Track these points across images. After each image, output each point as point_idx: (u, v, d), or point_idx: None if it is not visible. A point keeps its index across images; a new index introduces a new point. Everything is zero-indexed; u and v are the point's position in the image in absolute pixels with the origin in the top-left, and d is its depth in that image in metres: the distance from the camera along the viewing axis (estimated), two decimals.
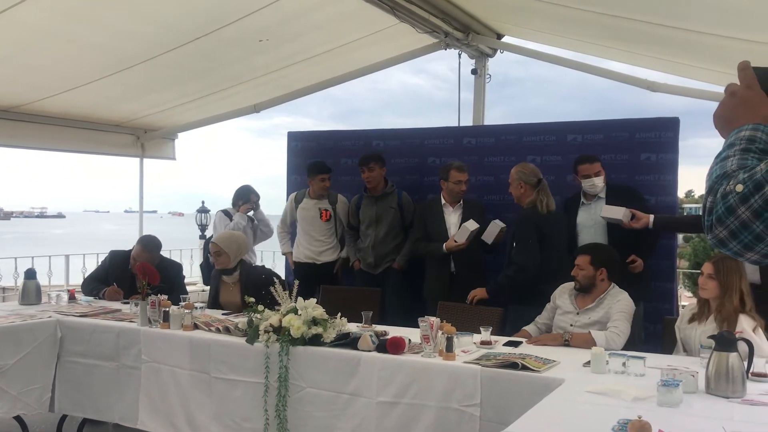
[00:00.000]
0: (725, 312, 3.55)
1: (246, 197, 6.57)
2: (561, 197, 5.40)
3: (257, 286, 4.58)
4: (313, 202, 6.06)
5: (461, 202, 5.41)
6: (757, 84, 1.34)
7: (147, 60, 5.59)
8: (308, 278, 5.64)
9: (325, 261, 6.05)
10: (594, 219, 4.95)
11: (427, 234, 5.40)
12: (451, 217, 5.39)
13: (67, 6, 4.60)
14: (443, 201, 5.42)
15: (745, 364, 2.95)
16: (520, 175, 4.92)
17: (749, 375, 2.98)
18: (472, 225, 5.19)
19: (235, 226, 6.31)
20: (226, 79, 6.58)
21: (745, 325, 3.47)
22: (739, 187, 1.19)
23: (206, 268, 6.66)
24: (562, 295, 4.26)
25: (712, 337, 3.03)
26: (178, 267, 5.82)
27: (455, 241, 5.18)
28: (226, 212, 6.58)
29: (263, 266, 5.88)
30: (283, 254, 6.51)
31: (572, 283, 4.23)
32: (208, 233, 6.67)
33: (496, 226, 5.18)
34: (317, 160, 6.11)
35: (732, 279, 3.61)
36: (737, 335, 3.05)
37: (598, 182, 4.95)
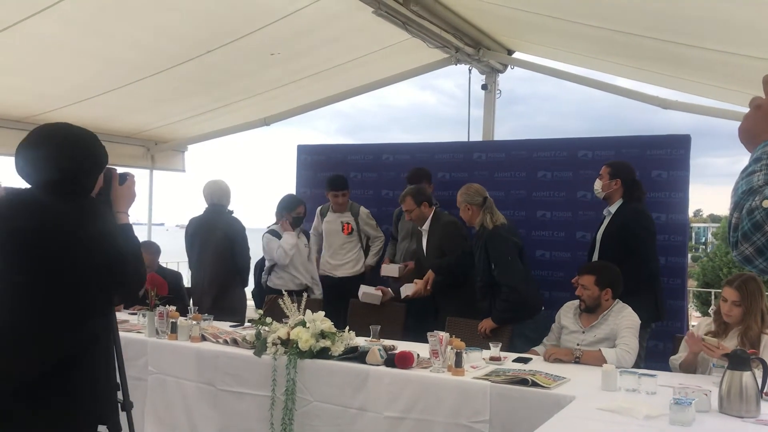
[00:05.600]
0: (752, 334, 3.54)
1: (292, 207, 5.73)
2: (572, 213, 5.38)
3: None
4: (336, 215, 6.00)
5: (426, 226, 5.24)
6: None
7: (158, 72, 5.61)
8: (329, 291, 5.61)
9: (344, 275, 5.93)
10: (599, 235, 4.89)
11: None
12: (423, 240, 5.32)
13: (80, 18, 4.62)
14: None
15: (760, 383, 2.91)
16: (465, 197, 4.82)
17: (763, 395, 2.94)
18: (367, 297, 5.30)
19: (282, 248, 5.57)
20: (236, 92, 6.60)
21: None
22: (766, 203, 1.17)
23: (258, 293, 6.01)
24: (567, 315, 4.22)
25: (725, 355, 3.00)
26: (177, 275, 5.89)
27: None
28: (273, 232, 5.69)
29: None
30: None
31: (575, 302, 4.19)
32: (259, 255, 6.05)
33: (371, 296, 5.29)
34: (335, 175, 6.00)
35: (756, 301, 3.61)
36: (753, 354, 3.02)
37: (596, 185, 4.84)
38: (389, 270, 5.56)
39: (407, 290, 5.08)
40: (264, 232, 5.81)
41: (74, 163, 2.33)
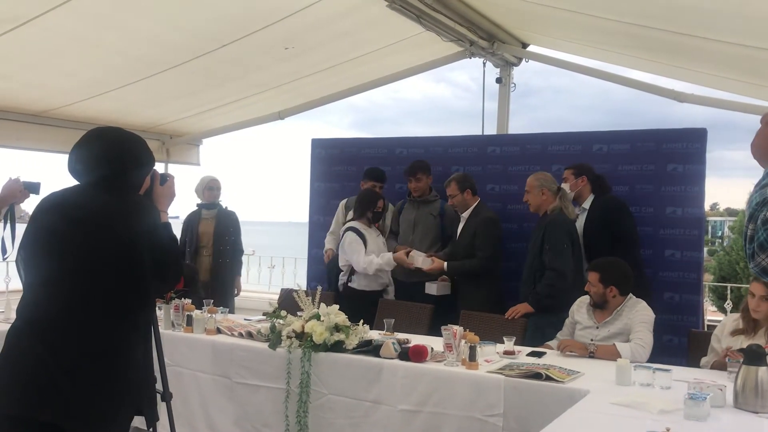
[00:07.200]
0: None
1: (372, 203, 5.43)
2: None
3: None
4: None
5: (466, 214, 5.34)
6: None
7: (173, 67, 5.65)
8: None
9: None
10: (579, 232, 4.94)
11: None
12: (458, 226, 5.40)
13: (96, 13, 4.66)
14: None
15: None
16: (542, 182, 4.87)
17: None
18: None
19: (365, 267, 5.22)
20: (251, 86, 6.62)
21: None
22: None
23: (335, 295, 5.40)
24: (580, 310, 4.20)
25: (741, 350, 2.98)
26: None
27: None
28: (357, 231, 5.30)
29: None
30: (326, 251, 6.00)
31: (588, 297, 4.17)
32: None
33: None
34: (375, 167, 5.94)
35: None
36: None
37: (565, 186, 4.96)
38: (419, 260, 5.29)
39: (425, 263, 5.21)
40: (345, 229, 5.40)
41: (122, 162, 2.44)
